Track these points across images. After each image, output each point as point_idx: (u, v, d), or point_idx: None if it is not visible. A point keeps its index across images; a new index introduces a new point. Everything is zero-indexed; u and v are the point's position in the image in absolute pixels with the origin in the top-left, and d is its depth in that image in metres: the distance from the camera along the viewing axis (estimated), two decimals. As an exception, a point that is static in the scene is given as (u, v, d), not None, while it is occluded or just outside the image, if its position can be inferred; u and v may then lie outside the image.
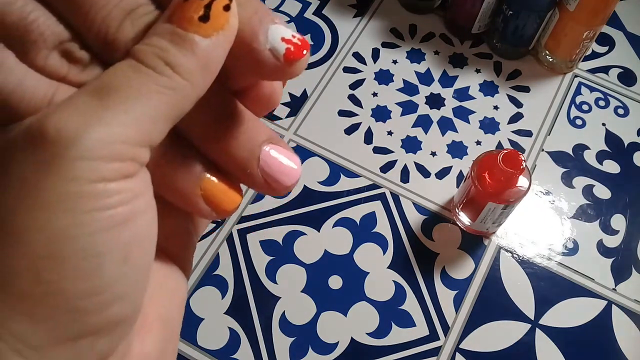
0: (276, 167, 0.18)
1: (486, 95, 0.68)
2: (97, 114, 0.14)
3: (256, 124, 0.18)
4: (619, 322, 0.57)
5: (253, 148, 0.18)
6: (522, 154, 0.52)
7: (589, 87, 0.69)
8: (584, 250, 0.60)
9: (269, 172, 0.18)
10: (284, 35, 0.16)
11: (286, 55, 0.16)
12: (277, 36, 0.16)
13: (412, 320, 0.56)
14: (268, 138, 0.18)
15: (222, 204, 0.18)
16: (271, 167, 0.18)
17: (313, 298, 0.57)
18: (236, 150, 0.18)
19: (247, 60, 0.16)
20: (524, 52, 0.70)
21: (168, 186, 0.18)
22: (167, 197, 0.18)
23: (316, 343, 0.55)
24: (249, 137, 0.18)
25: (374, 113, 0.66)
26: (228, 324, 0.56)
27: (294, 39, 0.16)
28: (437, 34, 0.72)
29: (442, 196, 0.62)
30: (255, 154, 0.18)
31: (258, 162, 0.18)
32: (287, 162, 0.19)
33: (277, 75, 0.17)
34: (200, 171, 0.18)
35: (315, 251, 0.59)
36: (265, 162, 0.18)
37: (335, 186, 0.62)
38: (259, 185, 0.18)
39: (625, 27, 0.74)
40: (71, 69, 0.16)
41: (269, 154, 0.18)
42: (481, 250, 0.59)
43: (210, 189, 0.18)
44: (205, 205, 0.18)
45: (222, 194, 0.18)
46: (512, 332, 0.56)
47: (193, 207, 0.18)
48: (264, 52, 0.16)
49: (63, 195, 0.14)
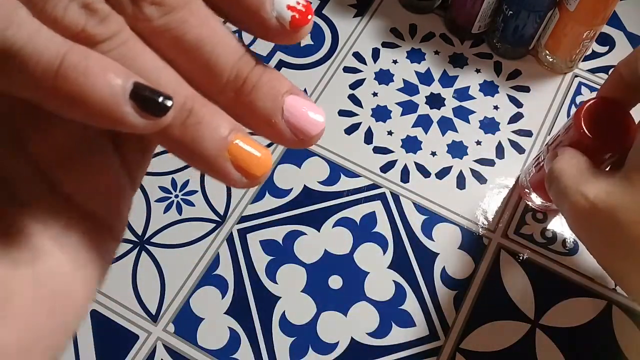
0: (301, 116, 0.18)
1: (486, 95, 0.68)
2: None
3: (276, 74, 0.18)
4: (619, 322, 0.57)
5: (276, 97, 0.18)
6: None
7: (589, 87, 0.69)
8: (584, 250, 0.60)
9: (294, 121, 0.18)
10: (289, 3, 0.17)
11: (292, 22, 0.17)
12: (283, 4, 0.17)
13: (412, 320, 0.56)
14: (289, 88, 0.18)
15: (253, 167, 0.18)
16: (296, 116, 0.18)
17: (313, 298, 0.57)
18: (259, 101, 0.18)
19: (254, 26, 0.17)
20: (524, 52, 0.70)
21: (193, 150, 0.17)
22: (193, 163, 0.18)
23: (316, 343, 0.55)
24: (270, 86, 0.18)
25: (374, 113, 0.66)
26: (228, 323, 0.56)
27: (298, 6, 0.17)
28: (437, 33, 0.72)
29: (442, 196, 0.62)
30: (278, 103, 0.18)
31: (282, 113, 0.18)
32: (311, 111, 0.19)
33: (283, 40, 0.18)
34: (228, 131, 0.17)
35: (315, 251, 0.59)
36: (290, 111, 0.18)
37: (335, 186, 0.62)
38: (285, 136, 0.18)
39: (625, 27, 0.74)
40: (89, 21, 0.16)
41: (292, 104, 0.18)
42: (481, 250, 0.59)
43: (240, 152, 0.17)
44: (235, 171, 0.17)
45: (252, 156, 0.18)
46: (512, 332, 0.56)
47: (221, 174, 0.18)
48: (270, 20, 0.17)
49: None
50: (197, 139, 0.17)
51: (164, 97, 0.16)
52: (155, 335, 0.55)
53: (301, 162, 0.63)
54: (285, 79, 0.19)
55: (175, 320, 0.56)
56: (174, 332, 0.55)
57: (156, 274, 0.58)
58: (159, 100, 0.16)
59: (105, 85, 0.15)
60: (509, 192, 0.63)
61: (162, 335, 0.55)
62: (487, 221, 0.61)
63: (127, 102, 0.15)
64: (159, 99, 0.16)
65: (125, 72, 0.16)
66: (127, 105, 0.15)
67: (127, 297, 0.57)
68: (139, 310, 0.56)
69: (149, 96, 0.16)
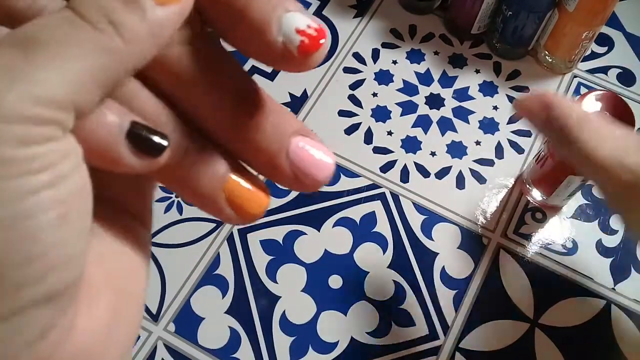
0: (307, 160, 0.17)
1: (486, 96, 0.68)
2: (21, 71, 0.13)
3: (284, 114, 0.17)
4: (618, 321, 0.57)
5: (281, 139, 0.17)
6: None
7: (588, 87, 0.69)
8: (583, 249, 0.60)
9: (300, 165, 0.17)
10: (298, 26, 0.15)
11: (300, 48, 0.15)
12: (291, 27, 0.15)
13: (411, 319, 0.56)
14: (297, 129, 0.17)
15: (248, 206, 0.17)
16: (302, 159, 0.17)
17: (313, 297, 0.57)
18: (263, 142, 0.17)
19: (259, 50, 0.15)
20: (524, 52, 0.70)
21: (188, 187, 0.17)
22: (188, 199, 0.17)
23: (316, 342, 0.55)
24: (276, 127, 0.17)
25: (374, 113, 0.67)
26: (228, 323, 0.56)
27: (309, 30, 0.15)
28: (436, 34, 0.72)
29: (441, 196, 0.62)
30: (283, 145, 0.17)
31: (287, 155, 0.17)
32: (319, 154, 0.17)
33: (291, 67, 0.16)
34: (224, 171, 0.17)
35: (315, 251, 0.59)
36: (296, 154, 0.17)
37: (335, 186, 0.62)
38: (288, 180, 0.17)
39: (624, 27, 0.74)
40: None
41: (299, 146, 0.17)
42: (481, 249, 0.60)
43: (235, 191, 0.17)
44: (229, 209, 0.17)
45: (248, 195, 0.17)
46: (512, 331, 0.56)
47: (216, 211, 0.17)
48: (276, 44, 0.15)
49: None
50: (192, 180, 0.16)
51: (161, 136, 0.15)
52: (156, 334, 0.55)
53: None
54: (294, 117, 0.17)
55: (175, 320, 0.56)
56: (174, 332, 0.56)
57: (157, 274, 0.58)
58: (155, 141, 0.15)
59: (103, 125, 0.15)
60: (509, 192, 0.63)
61: (162, 335, 0.55)
62: (486, 221, 0.61)
63: (123, 142, 0.15)
64: (155, 139, 0.15)
65: (123, 111, 0.15)
66: (123, 146, 0.15)
67: (127, 297, 0.57)
68: (139, 310, 0.56)
69: (146, 136, 0.15)
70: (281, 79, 0.69)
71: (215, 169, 0.17)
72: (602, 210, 0.62)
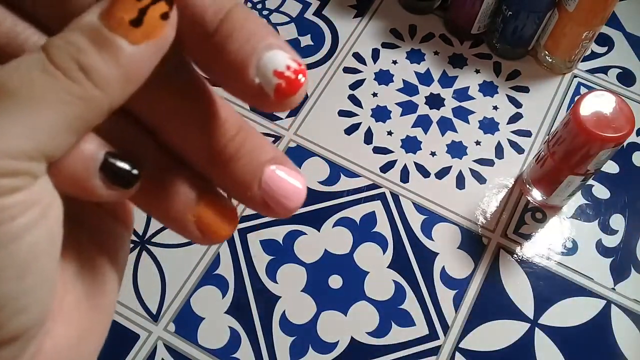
0: (279, 190, 0.16)
1: (486, 96, 0.68)
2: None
3: (260, 140, 0.17)
4: (618, 321, 0.57)
5: (256, 169, 0.16)
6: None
7: (588, 87, 0.69)
8: (583, 249, 0.60)
9: (272, 194, 0.16)
10: (277, 68, 0.15)
11: (276, 91, 0.15)
12: (269, 68, 0.14)
13: (411, 319, 0.56)
14: (272, 157, 0.17)
15: (216, 230, 0.17)
16: (274, 189, 0.16)
17: (313, 297, 0.57)
18: (237, 171, 0.16)
19: (235, 87, 0.15)
20: (524, 52, 0.70)
21: (158, 209, 0.17)
22: (155, 218, 0.17)
23: (316, 342, 0.55)
24: (251, 155, 0.16)
25: (374, 113, 0.67)
26: (229, 323, 0.56)
27: (287, 71, 0.15)
28: (436, 34, 0.72)
29: (441, 196, 0.62)
30: (257, 175, 0.16)
31: (260, 184, 0.16)
32: (292, 183, 0.17)
33: (268, 108, 0.15)
34: (194, 196, 0.17)
35: (315, 251, 0.59)
36: (268, 183, 0.16)
37: (335, 186, 0.62)
38: (259, 207, 0.17)
39: (624, 27, 0.74)
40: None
41: (273, 176, 0.16)
42: (481, 249, 0.60)
43: (205, 215, 0.17)
44: (197, 232, 0.17)
45: (217, 219, 0.17)
46: (512, 331, 0.56)
47: (183, 233, 0.17)
48: (252, 86, 0.15)
49: None
50: (162, 204, 0.16)
51: (133, 165, 0.15)
52: (156, 334, 0.55)
53: (301, 162, 0.63)
54: (270, 145, 0.17)
55: (175, 320, 0.56)
56: (174, 332, 0.56)
57: (157, 274, 0.58)
58: (127, 172, 0.15)
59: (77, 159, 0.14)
60: (509, 192, 0.63)
61: (162, 335, 0.55)
62: (486, 221, 0.61)
63: (97, 174, 0.15)
64: (127, 170, 0.15)
65: (97, 141, 0.15)
66: (96, 179, 0.15)
67: (127, 297, 0.57)
68: (139, 310, 0.57)
69: (118, 168, 0.15)
70: (281, 79, 0.68)
71: (186, 195, 0.16)
72: (602, 210, 0.62)
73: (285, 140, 0.65)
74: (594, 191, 0.63)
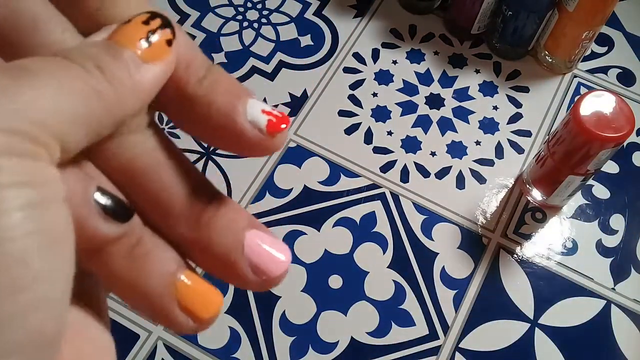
0: (263, 254, 0.16)
1: (486, 96, 0.68)
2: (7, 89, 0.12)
3: (235, 207, 0.16)
4: (618, 321, 0.57)
5: (236, 232, 0.16)
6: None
7: (588, 87, 0.69)
8: (583, 249, 0.60)
9: (256, 260, 0.16)
10: (263, 108, 0.15)
11: (269, 126, 0.15)
12: (257, 108, 0.15)
13: (411, 319, 0.56)
14: (249, 222, 0.16)
15: (202, 309, 0.16)
16: (258, 253, 0.16)
17: (313, 297, 0.57)
18: (217, 236, 0.16)
19: (228, 134, 0.15)
20: (524, 52, 0.70)
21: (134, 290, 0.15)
22: (133, 305, 0.16)
23: (316, 342, 0.55)
24: (229, 219, 0.16)
25: (374, 113, 0.67)
26: (229, 323, 0.56)
27: (274, 111, 0.16)
28: (436, 34, 0.72)
29: (441, 196, 0.62)
30: (239, 239, 0.16)
31: (243, 250, 0.16)
32: (274, 247, 0.16)
33: (259, 148, 0.16)
34: (176, 267, 0.16)
35: (315, 251, 0.59)
36: (251, 248, 0.16)
37: (335, 186, 0.62)
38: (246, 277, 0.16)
39: (624, 27, 0.74)
40: None
41: (254, 239, 0.16)
42: (481, 249, 0.60)
43: (187, 292, 0.15)
44: (181, 314, 0.15)
45: (202, 296, 0.16)
46: (512, 331, 0.56)
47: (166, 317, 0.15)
48: (244, 124, 0.15)
49: None
50: (142, 274, 0.15)
51: (122, 199, 0.15)
52: (156, 334, 0.55)
53: (301, 162, 0.63)
54: (245, 211, 0.17)
55: (175, 320, 0.56)
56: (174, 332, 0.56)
57: (157, 274, 0.58)
58: (122, 201, 0.15)
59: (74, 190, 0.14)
60: (509, 192, 0.63)
61: (162, 335, 0.55)
62: (486, 221, 0.61)
63: (94, 206, 0.14)
64: (121, 200, 0.15)
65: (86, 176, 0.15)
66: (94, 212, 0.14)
67: (127, 297, 0.57)
68: (139, 310, 0.56)
69: (113, 198, 0.15)
70: (281, 79, 0.69)
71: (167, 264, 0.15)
72: (602, 210, 0.62)
73: (285, 140, 0.65)
74: (594, 191, 0.63)
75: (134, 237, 0.15)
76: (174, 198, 0.16)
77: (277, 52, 0.70)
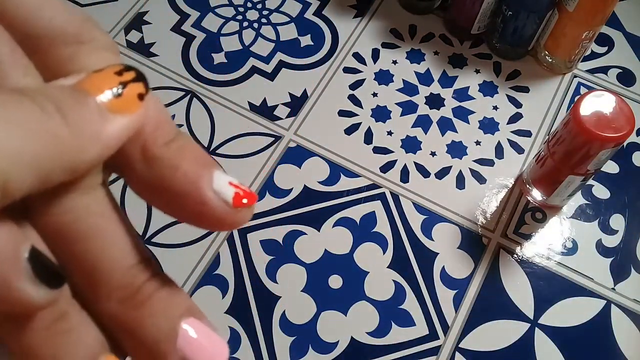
0: (200, 350, 0.15)
1: (486, 96, 0.68)
2: None
3: (176, 290, 0.15)
4: (618, 321, 0.57)
5: (172, 319, 0.14)
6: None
7: (588, 87, 0.69)
8: (583, 249, 0.60)
9: (191, 356, 0.14)
10: (230, 180, 0.15)
11: (235, 198, 0.14)
12: (224, 180, 0.15)
13: (411, 319, 0.56)
14: (188, 309, 0.15)
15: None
16: (193, 349, 0.14)
17: (313, 297, 0.57)
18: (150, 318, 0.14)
19: (190, 203, 0.14)
20: (524, 52, 0.70)
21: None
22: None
23: (316, 342, 0.55)
24: (167, 303, 0.15)
25: (374, 113, 0.67)
26: (229, 323, 0.56)
27: (241, 186, 0.15)
28: (436, 34, 0.72)
29: (441, 196, 0.62)
30: (174, 327, 0.14)
31: (176, 340, 0.14)
32: (212, 342, 0.15)
33: (223, 222, 0.15)
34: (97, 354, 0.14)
35: (315, 251, 0.59)
36: (186, 340, 0.14)
37: (335, 186, 0.62)
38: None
39: (624, 27, 0.74)
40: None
41: (191, 331, 0.15)
42: (481, 249, 0.60)
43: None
44: None
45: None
46: (512, 331, 0.56)
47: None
48: (209, 194, 0.14)
49: None
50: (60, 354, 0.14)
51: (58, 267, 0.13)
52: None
53: (301, 162, 0.63)
54: (187, 296, 0.15)
55: (175, 320, 0.56)
56: (174, 332, 0.56)
57: (157, 274, 0.58)
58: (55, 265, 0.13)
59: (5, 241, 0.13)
60: (509, 192, 0.63)
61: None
62: (486, 221, 0.61)
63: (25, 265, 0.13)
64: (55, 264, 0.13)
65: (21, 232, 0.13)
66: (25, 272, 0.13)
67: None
68: (139, 310, 0.56)
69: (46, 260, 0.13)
70: (281, 79, 0.69)
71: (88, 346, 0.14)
72: (602, 210, 0.62)
73: (285, 140, 0.65)
74: (594, 191, 0.63)
75: (60, 309, 0.14)
76: (111, 270, 0.14)
77: (277, 52, 0.70)
